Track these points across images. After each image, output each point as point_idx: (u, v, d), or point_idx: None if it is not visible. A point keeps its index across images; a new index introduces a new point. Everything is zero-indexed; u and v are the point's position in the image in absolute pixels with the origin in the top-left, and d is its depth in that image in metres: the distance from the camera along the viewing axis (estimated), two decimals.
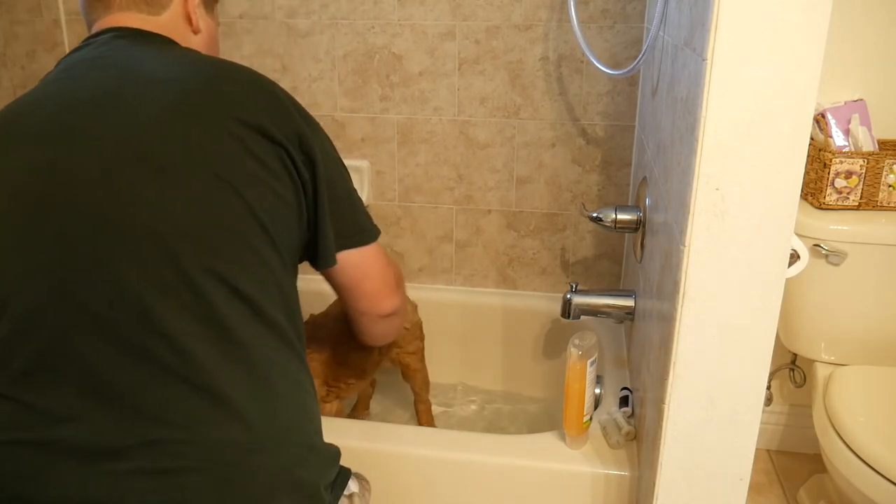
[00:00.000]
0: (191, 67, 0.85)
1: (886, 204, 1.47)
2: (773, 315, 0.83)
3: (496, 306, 1.78)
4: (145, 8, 0.92)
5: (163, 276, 0.74)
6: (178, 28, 0.95)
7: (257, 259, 0.80)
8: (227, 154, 0.79)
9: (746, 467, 0.90)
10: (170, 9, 0.94)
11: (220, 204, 0.78)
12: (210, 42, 1.02)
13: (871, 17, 1.51)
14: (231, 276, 0.77)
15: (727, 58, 0.75)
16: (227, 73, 0.86)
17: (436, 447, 1.19)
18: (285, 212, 0.84)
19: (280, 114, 0.85)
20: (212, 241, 0.77)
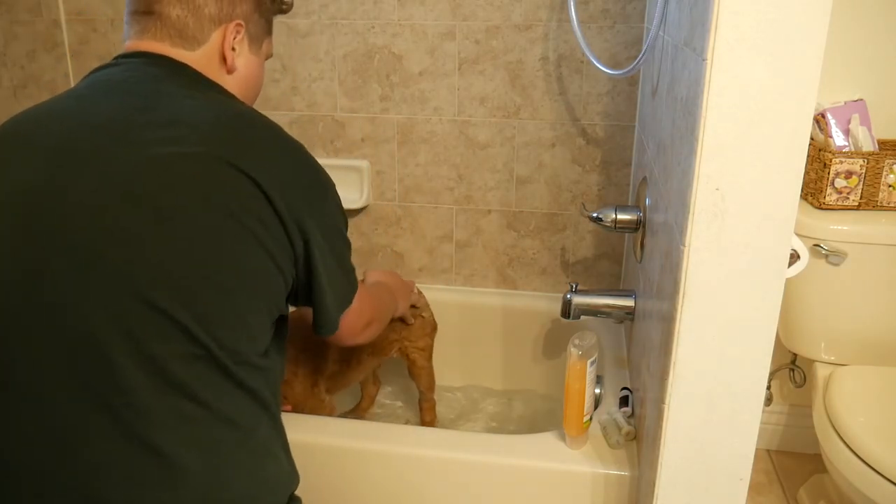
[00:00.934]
0: (213, 117, 0.82)
1: (886, 204, 1.47)
2: (773, 315, 0.83)
3: (496, 306, 1.78)
4: (179, 42, 0.88)
5: (128, 324, 0.71)
6: (212, 66, 0.90)
7: (237, 316, 0.77)
8: (222, 207, 0.76)
9: (746, 467, 0.90)
10: (206, 45, 0.89)
11: (207, 256, 0.75)
12: (247, 82, 0.96)
13: (870, 17, 1.51)
14: (203, 331, 0.74)
15: (727, 58, 0.75)
16: (248, 130, 0.83)
17: (436, 447, 1.19)
18: (273, 275, 0.81)
19: (289, 185, 0.81)
20: (191, 293, 0.74)
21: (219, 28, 0.89)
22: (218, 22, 0.89)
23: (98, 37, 1.78)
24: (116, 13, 1.76)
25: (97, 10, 1.76)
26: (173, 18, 0.87)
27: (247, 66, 0.95)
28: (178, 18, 0.87)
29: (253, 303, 0.79)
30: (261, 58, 0.98)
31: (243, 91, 0.95)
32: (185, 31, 0.87)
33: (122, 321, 0.71)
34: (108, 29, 1.77)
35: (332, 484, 1.21)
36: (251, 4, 0.93)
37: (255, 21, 0.94)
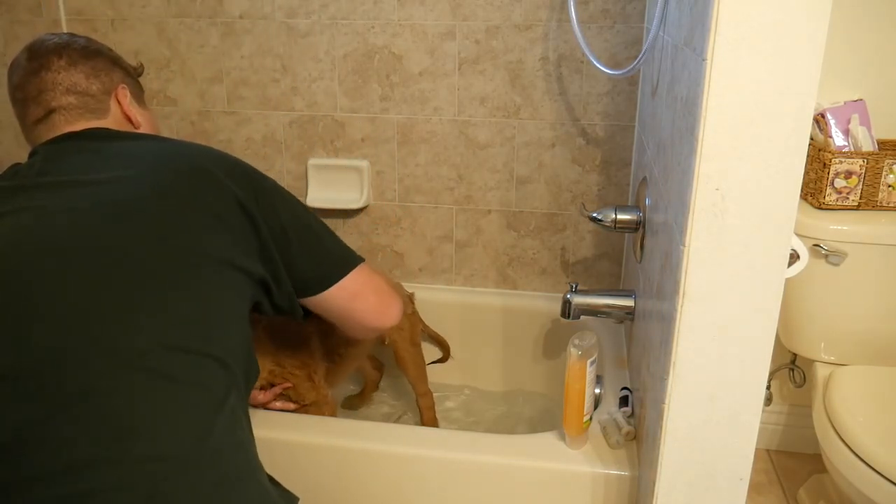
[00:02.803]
0: (155, 160, 0.92)
1: (886, 204, 1.47)
2: (773, 315, 0.83)
3: (496, 306, 1.78)
4: (91, 116, 1.00)
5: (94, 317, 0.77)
6: (125, 126, 1.04)
7: (212, 302, 0.85)
8: (193, 213, 0.87)
9: (746, 467, 0.90)
10: (111, 112, 1.03)
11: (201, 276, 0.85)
12: (153, 131, 1.11)
13: (870, 17, 1.51)
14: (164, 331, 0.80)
15: (727, 58, 0.75)
16: (185, 149, 0.95)
17: (436, 447, 1.19)
18: (244, 256, 0.91)
19: (215, 189, 0.91)
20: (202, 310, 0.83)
21: (110, 97, 1.03)
22: (107, 92, 1.03)
23: (98, 37, 1.77)
24: (116, 13, 1.76)
25: (97, 10, 1.76)
26: (75, 103, 0.99)
27: (145, 120, 1.09)
28: (78, 101, 0.99)
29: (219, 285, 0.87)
30: (150, 111, 1.13)
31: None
32: (90, 107, 1.00)
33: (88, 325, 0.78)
34: (108, 29, 1.77)
35: (332, 484, 1.21)
36: (120, 72, 1.06)
37: (129, 83, 1.07)
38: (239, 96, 1.78)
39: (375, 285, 1.07)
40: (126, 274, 0.80)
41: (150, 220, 0.84)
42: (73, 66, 1.00)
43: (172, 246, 0.84)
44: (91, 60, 1.02)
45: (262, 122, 1.79)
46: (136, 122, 1.06)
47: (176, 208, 0.86)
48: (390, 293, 1.10)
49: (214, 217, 0.88)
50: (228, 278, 0.88)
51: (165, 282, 0.82)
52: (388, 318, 1.10)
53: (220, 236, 0.88)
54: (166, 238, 0.84)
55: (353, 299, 1.05)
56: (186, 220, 0.86)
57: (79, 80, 1.00)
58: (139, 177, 0.88)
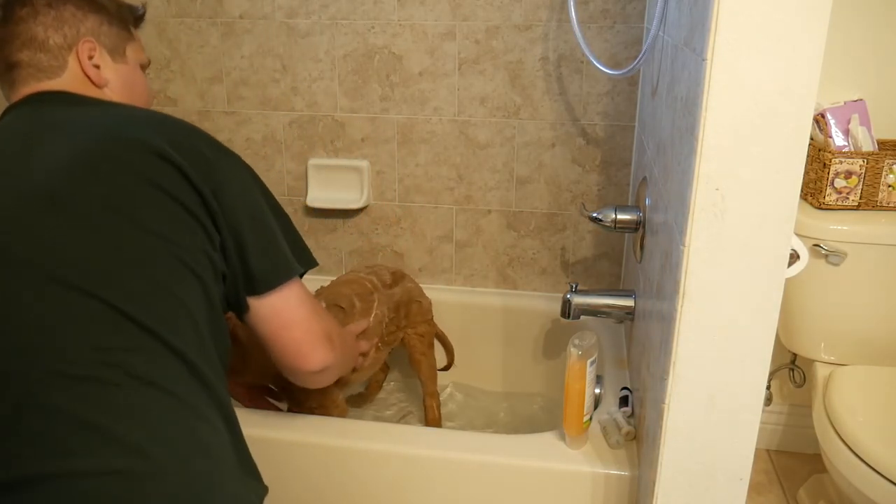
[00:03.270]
0: (108, 114, 0.88)
1: (886, 204, 1.47)
2: (773, 315, 0.83)
3: (496, 306, 1.78)
4: (44, 76, 0.93)
5: (57, 303, 0.75)
6: (82, 85, 0.95)
7: (163, 291, 0.79)
8: (128, 186, 0.81)
9: (746, 467, 0.90)
10: (68, 70, 0.94)
11: (118, 236, 0.79)
12: (125, 90, 1.00)
13: (870, 18, 1.51)
14: (130, 307, 0.76)
15: (727, 58, 0.75)
16: (131, 117, 0.88)
17: (436, 447, 1.19)
18: (197, 240, 0.84)
19: (178, 142, 0.85)
20: (110, 273, 0.77)
21: (70, 52, 0.94)
22: (68, 47, 0.93)
23: None
24: None
25: None
26: (26, 61, 0.92)
27: (118, 77, 0.98)
28: (31, 59, 0.92)
29: (182, 277, 0.82)
30: (130, 65, 1.01)
31: (127, 98, 0.99)
32: (41, 65, 0.92)
33: (55, 303, 0.75)
34: None
35: (332, 484, 1.21)
36: (95, 20, 0.96)
37: (106, 32, 0.97)
38: (239, 96, 1.78)
39: (305, 315, 0.95)
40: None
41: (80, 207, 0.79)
42: (35, 16, 0.92)
43: (107, 232, 0.79)
44: (56, 9, 0.93)
45: (262, 122, 1.79)
46: (98, 80, 0.96)
47: (106, 188, 0.80)
48: (320, 335, 0.97)
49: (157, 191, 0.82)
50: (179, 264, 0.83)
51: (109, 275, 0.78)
52: (307, 361, 0.96)
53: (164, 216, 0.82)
54: (99, 228, 0.79)
55: (281, 327, 0.94)
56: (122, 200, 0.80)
57: (37, 32, 0.92)
58: (69, 158, 0.81)
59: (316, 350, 0.95)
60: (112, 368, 0.74)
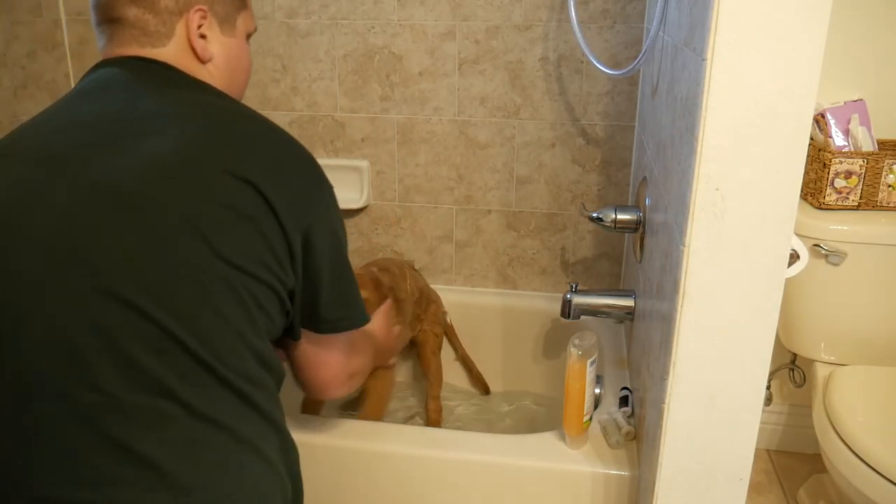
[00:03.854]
0: (198, 117, 0.80)
1: (886, 204, 1.47)
2: (773, 315, 0.83)
3: (496, 306, 1.78)
4: (146, 41, 0.85)
5: (101, 321, 0.70)
6: (186, 58, 0.86)
7: (215, 311, 0.74)
8: (204, 203, 0.74)
9: (746, 467, 0.90)
10: (174, 39, 0.85)
11: (183, 251, 0.72)
12: (229, 68, 0.91)
13: (870, 18, 1.51)
14: (180, 328, 0.71)
15: (727, 58, 0.75)
16: (226, 126, 0.80)
17: (436, 447, 1.19)
18: (272, 278, 0.78)
19: (270, 168, 0.78)
20: (166, 289, 0.71)
21: (181, 19, 0.85)
22: (178, 13, 0.85)
23: None
24: None
25: None
26: (132, 20, 0.84)
27: (224, 51, 0.90)
28: (137, 19, 0.84)
29: (236, 299, 0.75)
30: (238, 38, 0.93)
31: (227, 78, 0.91)
32: (148, 28, 0.84)
33: (90, 317, 0.70)
34: None
35: (332, 484, 1.21)
36: None
37: (220, 1, 0.89)
38: None
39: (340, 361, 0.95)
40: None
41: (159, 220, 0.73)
42: None
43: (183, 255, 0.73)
44: None
45: None
46: (203, 54, 0.87)
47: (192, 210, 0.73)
48: (345, 377, 0.97)
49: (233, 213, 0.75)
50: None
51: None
52: (322, 394, 0.98)
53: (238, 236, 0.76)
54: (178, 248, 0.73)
55: (315, 365, 0.93)
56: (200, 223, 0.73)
57: None
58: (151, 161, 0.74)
59: (335, 389, 0.97)
60: (169, 400, 0.71)
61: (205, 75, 0.88)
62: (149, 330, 0.70)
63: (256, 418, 0.78)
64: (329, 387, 0.96)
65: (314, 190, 0.85)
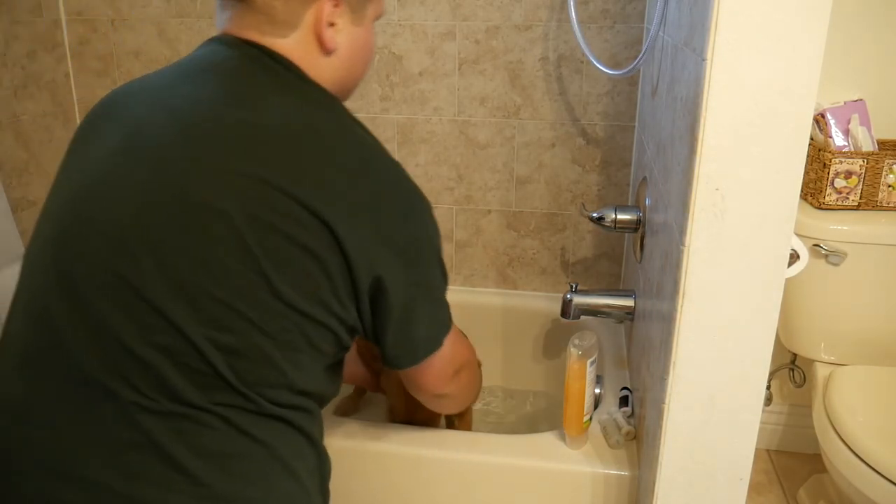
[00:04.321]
0: (281, 124, 0.74)
1: (886, 204, 1.47)
2: (773, 315, 0.83)
3: (496, 306, 1.78)
4: (269, 29, 0.79)
5: (146, 324, 0.69)
6: (307, 50, 0.81)
7: (269, 359, 0.72)
8: (258, 224, 0.70)
9: (746, 467, 0.90)
10: (299, 29, 0.80)
11: (233, 270, 0.69)
12: (351, 60, 0.85)
13: (870, 17, 1.51)
14: (222, 339, 0.70)
15: (727, 58, 0.75)
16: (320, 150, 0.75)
17: (436, 447, 1.19)
18: (315, 288, 0.73)
19: (358, 211, 0.73)
20: (212, 304, 0.69)
21: (311, 7, 0.79)
22: (310, 1, 0.79)
23: (98, 37, 1.78)
24: (116, 13, 1.76)
25: (97, 10, 1.76)
26: (259, 4, 0.78)
27: (350, 41, 0.84)
28: (265, 4, 0.78)
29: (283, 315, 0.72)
30: (367, 26, 0.86)
31: (348, 68, 0.86)
32: (274, 15, 0.78)
33: (133, 325, 0.70)
34: (108, 29, 1.77)
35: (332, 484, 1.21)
36: None
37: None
38: None
39: (441, 367, 0.91)
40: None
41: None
42: None
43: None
44: None
45: None
46: (328, 45, 0.81)
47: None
48: (449, 374, 0.93)
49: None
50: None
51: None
52: (439, 390, 0.94)
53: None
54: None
55: (416, 378, 0.91)
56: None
57: None
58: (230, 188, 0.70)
59: (443, 385, 0.93)
60: (210, 415, 0.71)
61: (323, 68, 0.82)
62: (190, 355, 0.70)
63: (292, 433, 0.77)
64: (435, 385, 0.92)
65: (396, 216, 0.78)
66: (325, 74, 0.83)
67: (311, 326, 0.74)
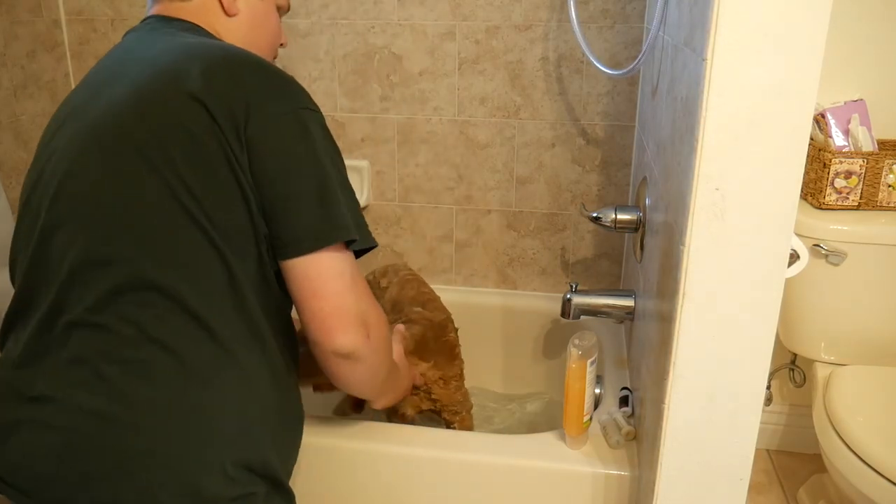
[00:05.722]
0: (176, 49, 0.86)
1: (886, 204, 1.47)
2: (773, 315, 0.83)
3: (496, 306, 1.78)
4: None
5: (83, 253, 0.80)
6: (209, 13, 0.93)
7: (188, 250, 0.79)
8: (164, 133, 0.80)
9: (746, 467, 0.90)
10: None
11: (145, 187, 0.79)
12: (252, 27, 0.98)
13: (870, 17, 1.51)
14: (147, 266, 0.79)
15: (727, 58, 0.75)
16: (201, 52, 0.85)
17: (436, 447, 1.19)
18: (228, 201, 0.80)
19: (227, 88, 0.81)
20: (134, 225, 0.79)
21: None
22: None
23: (98, 37, 1.78)
24: (116, 13, 1.76)
25: (97, 10, 1.76)
26: None
27: (249, 10, 0.96)
28: None
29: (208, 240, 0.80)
30: (267, 4, 0.99)
31: (250, 37, 0.98)
32: None
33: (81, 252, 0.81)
34: (108, 29, 1.77)
35: (332, 484, 1.21)
36: None
37: None
38: None
39: (339, 288, 0.84)
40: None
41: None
42: None
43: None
44: None
45: None
46: (229, 8, 0.94)
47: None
48: (352, 315, 0.84)
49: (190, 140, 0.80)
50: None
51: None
52: (331, 337, 0.84)
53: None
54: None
55: (310, 294, 0.84)
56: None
57: None
58: (125, 98, 0.83)
59: (344, 329, 0.84)
60: (127, 323, 0.78)
61: (229, 28, 0.96)
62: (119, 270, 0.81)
63: (216, 352, 0.81)
64: (330, 324, 0.83)
65: (266, 98, 0.84)
66: (231, 35, 0.96)
67: (215, 229, 0.82)
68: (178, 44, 0.87)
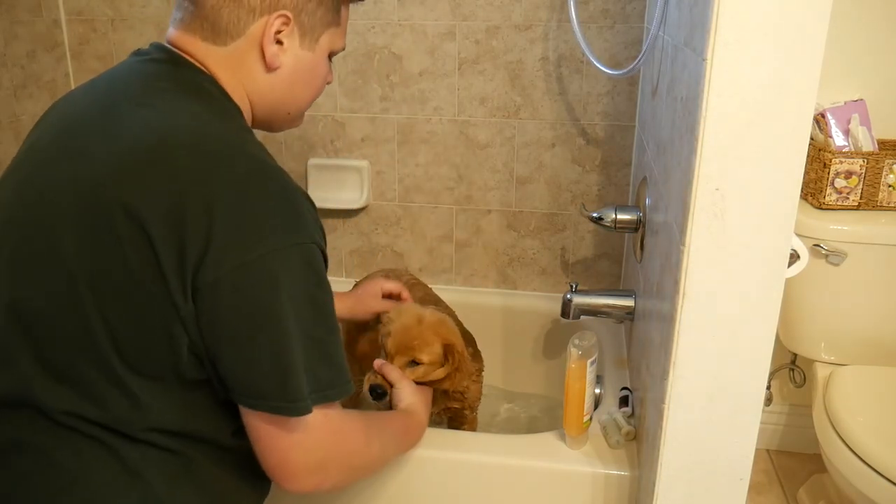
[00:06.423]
0: (144, 136, 0.74)
1: (886, 204, 1.47)
2: (773, 315, 0.83)
3: (496, 306, 1.78)
4: (210, 35, 0.80)
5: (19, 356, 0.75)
6: (243, 63, 0.82)
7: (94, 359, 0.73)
8: (94, 256, 0.72)
9: (746, 467, 0.90)
10: (240, 39, 0.80)
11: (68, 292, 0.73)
12: (291, 82, 0.86)
13: (871, 17, 1.51)
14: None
15: (727, 58, 0.75)
16: (173, 150, 0.73)
17: (436, 447, 1.19)
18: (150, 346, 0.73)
19: (187, 215, 0.70)
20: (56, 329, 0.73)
21: (258, 20, 0.80)
22: (260, 12, 0.80)
23: (98, 37, 1.78)
24: (116, 13, 1.76)
25: (97, 10, 1.76)
26: (207, 8, 0.79)
27: (294, 63, 0.84)
28: (213, 8, 0.79)
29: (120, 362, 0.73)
30: (317, 54, 0.86)
31: (286, 91, 0.87)
32: (218, 22, 0.79)
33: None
34: (108, 29, 1.77)
35: None
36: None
37: (309, 11, 0.82)
38: None
39: (282, 450, 0.77)
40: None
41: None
42: None
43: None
44: None
45: None
46: (271, 62, 0.82)
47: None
48: (309, 465, 0.79)
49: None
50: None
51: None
52: (286, 484, 0.79)
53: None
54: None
55: (256, 447, 0.78)
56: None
57: None
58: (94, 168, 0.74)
59: (292, 479, 0.78)
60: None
61: (259, 83, 0.84)
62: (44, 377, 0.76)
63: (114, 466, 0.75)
64: (282, 477, 0.78)
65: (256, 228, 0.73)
66: (259, 90, 0.84)
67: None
68: (156, 126, 0.75)
